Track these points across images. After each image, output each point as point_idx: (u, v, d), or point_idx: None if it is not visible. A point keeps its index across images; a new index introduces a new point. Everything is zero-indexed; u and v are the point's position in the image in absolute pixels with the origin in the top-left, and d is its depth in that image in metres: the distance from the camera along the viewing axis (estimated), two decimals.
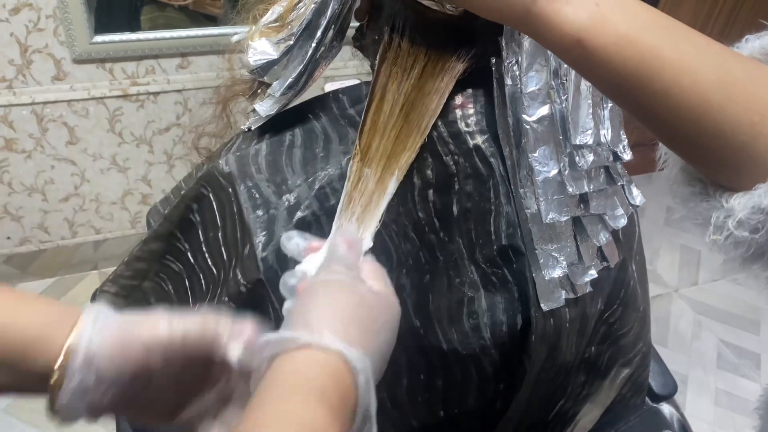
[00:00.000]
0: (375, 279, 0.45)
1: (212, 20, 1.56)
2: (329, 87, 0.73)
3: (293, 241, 0.48)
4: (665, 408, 0.96)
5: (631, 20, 0.38)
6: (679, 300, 1.99)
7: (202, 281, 0.63)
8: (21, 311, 0.41)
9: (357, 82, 0.75)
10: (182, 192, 0.64)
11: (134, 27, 1.51)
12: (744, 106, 0.38)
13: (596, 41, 0.38)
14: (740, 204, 0.40)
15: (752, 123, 0.38)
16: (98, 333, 0.40)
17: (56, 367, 0.39)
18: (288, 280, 0.46)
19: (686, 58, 0.38)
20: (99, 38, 1.44)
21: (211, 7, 1.54)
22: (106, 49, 1.46)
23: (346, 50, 0.63)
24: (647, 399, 0.91)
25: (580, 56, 0.39)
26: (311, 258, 0.47)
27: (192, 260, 0.63)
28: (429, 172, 0.55)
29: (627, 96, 0.41)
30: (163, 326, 0.40)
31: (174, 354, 0.41)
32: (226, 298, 0.56)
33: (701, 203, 0.44)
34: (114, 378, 0.40)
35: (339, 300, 0.41)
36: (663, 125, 0.41)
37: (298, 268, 0.47)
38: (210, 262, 0.61)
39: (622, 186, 0.59)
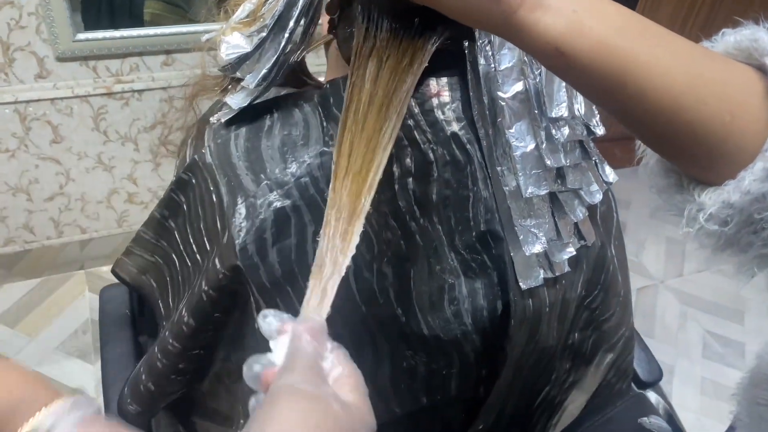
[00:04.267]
0: (349, 387, 0.42)
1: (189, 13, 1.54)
2: None
3: (267, 320, 0.44)
4: (651, 394, 0.97)
5: (608, 25, 0.39)
6: (665, 291, 2.01)
7: (190, 269, 0.63)
8: None
9: None
10: (172, 178, 0.64)
11: (136, 23, 1.50)
12: (715, 106, 0.39)
13: (574, 49, 0.39)
14: (711, 199, 0.42)
15: (723, 123, 0.39)
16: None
17: None
18: (253, 366, 0.42)
19: (659, 62, 0.39)
20: (82, 36, 1.43)
21: None
22: (89, 47, 1.46)
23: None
24: (633, 386, 0.92)
25: (559, 63, 0.40)
26: (282, 341, 0.43)
27: (181, 248, 0.64)
28: (408, 160, 0.55)
29: (605, 99, 0.42)
30: None
31: None
32: (206, 287, 0.57)
33: (676, 195, 0.45)
34: None
35: (302, 415, 0.38)
36: (639, 125, 0.43)
37: (266, 356, 0.43)
38: (196, 251, 0.62)
39: (596, 163, 0.60)
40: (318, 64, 0.61)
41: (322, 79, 0.68)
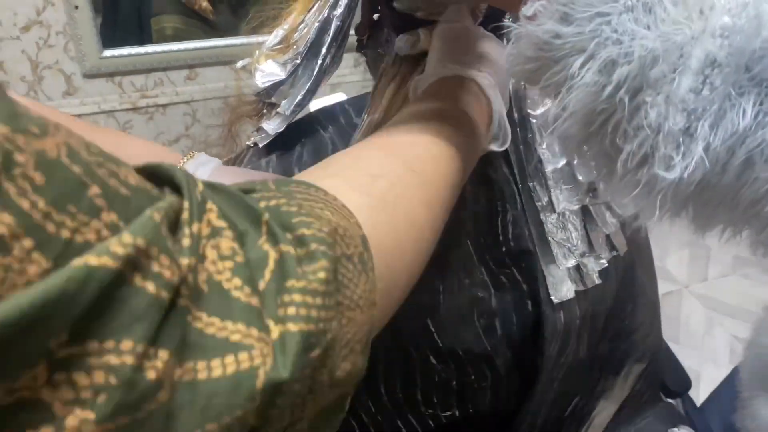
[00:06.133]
0: None
1: (208, 24, 1.58)
2: (314, 106, 0.72)
3: None
4: (680, 404, 0.96)
5: None
6: (689, 296, 1.99)
7: None
8: None
9: (341, 96, 0.77)
10: None
11: (146, 40, 1.53)
12: None
13: None
14: None
15: None
16: None
17: None
18: None
19: None
20: (108, 53, 1.47)
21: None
22: (115, 63, 1.49)
23: (348, 58, 0.64)
24: (662, 395, 0.92)
25: None
26: None
27: None
28: None
29: None
30: None
31: None
32: None
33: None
34: None
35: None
36: None
37: None
38: None
39: None
40: (338, 75, 0.62)
41: (318, 102, 0.69)
